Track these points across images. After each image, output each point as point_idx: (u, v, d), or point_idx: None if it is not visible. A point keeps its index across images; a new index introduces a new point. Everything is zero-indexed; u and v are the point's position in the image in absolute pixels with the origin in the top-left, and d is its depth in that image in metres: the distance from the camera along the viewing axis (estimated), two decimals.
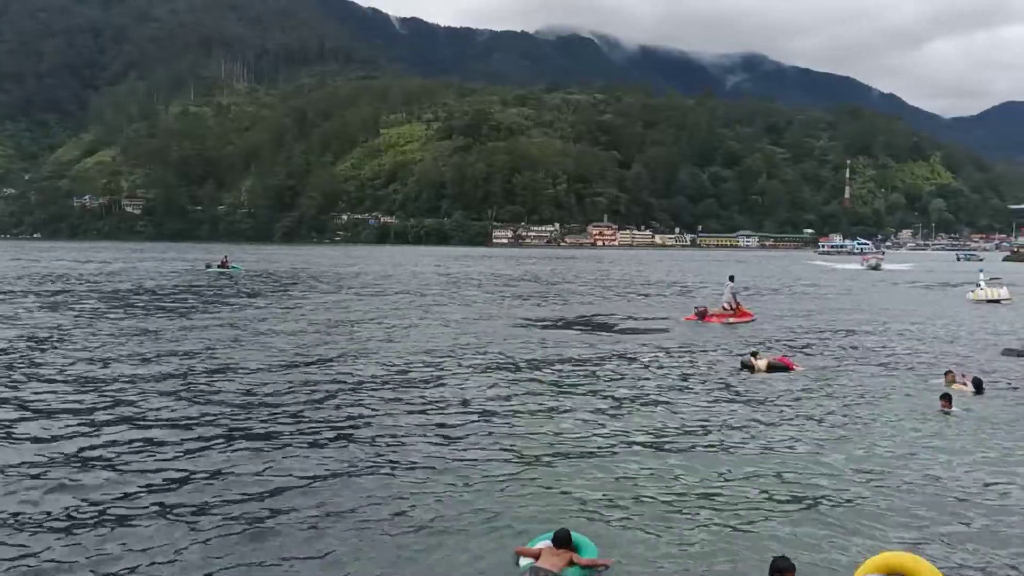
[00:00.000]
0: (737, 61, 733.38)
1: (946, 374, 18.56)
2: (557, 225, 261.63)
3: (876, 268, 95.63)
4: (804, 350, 24.96)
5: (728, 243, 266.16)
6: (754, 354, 21.28)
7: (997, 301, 44.51)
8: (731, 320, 32.74)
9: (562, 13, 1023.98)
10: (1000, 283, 47.92)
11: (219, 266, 67.08)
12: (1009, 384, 19.15)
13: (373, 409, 15.55)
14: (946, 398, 15.85)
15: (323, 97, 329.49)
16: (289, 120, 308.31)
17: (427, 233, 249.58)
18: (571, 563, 8.24)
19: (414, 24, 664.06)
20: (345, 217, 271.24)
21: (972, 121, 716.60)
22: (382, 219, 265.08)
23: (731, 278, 36.17)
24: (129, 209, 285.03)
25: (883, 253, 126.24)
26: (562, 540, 8.43)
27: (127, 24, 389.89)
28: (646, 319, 34.52)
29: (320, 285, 54.06)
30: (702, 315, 32.69)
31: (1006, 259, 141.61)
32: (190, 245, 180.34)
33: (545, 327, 30.72)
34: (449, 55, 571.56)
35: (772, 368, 20.25)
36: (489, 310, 37.55)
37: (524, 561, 8.36)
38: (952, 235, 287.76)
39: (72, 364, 20.02)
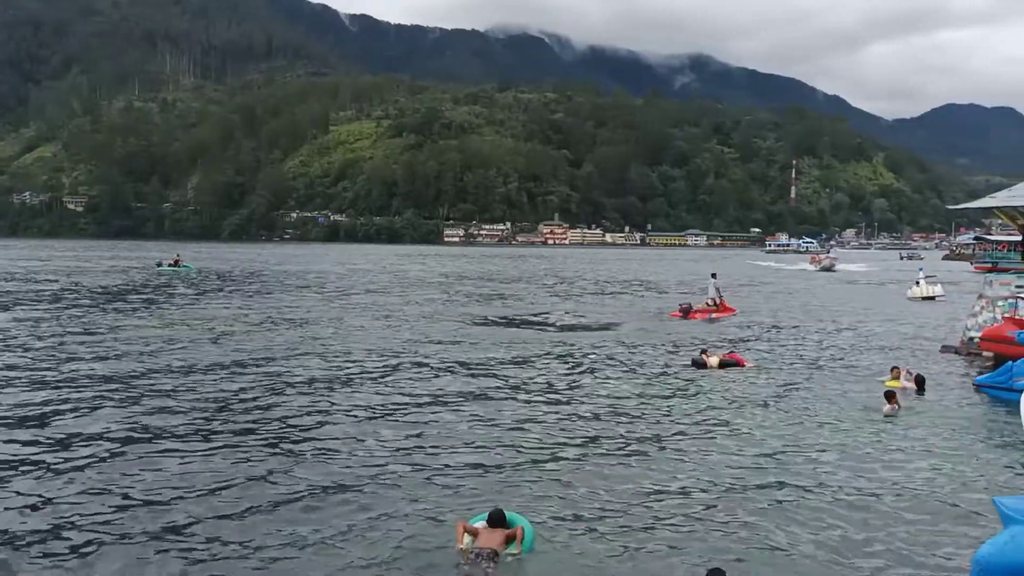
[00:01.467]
0: (685, 62, 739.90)
1: (892, 370, 19.16)
2: (508, 224, 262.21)
3: (829, 269, 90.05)
4: (754, 346, 25.54)
5: (677, 242, 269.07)
6: (704, 351, 21.72)
7: (932, 298, 46.57)
8: (714, 315, 33.48)
9: (513, 12, 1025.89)
10: (935, 281, 50.10)
11: (170, 265, 66.19)
12: (948, 381, 19.85)
13: (320, 407, 15.64)
14: (891, 395, 16.30)
15: (272, 94, 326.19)
16: (237, 117, 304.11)
17: (377, 231, 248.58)
18: (508, 540, 8.52)
19: (364, 21, 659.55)
20: (294, 215, 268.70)
21: (913, 123, 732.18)
22: (332, 217, 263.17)
23: (714, 275, 37.08)
24: (71, 206, 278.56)
25: (828, 251, 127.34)
26: (496, 520, 8.71)
27: (69, 18, 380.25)
28: (603, 316, 34.99)
29: (273, 284, 53.64)
30: (686, 312, 33.36)
31: (945, 258, 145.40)
32: (136, 243, 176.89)
33: (501, 326, 30.97)
34: (400, 53, 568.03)
35: (723, 365, 20.70)
36: (440, 309, 37.66)
37: (461, 542, 8.59)
38: (894, 234, 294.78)
39: (17, 365, 19.76)
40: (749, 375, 19.98)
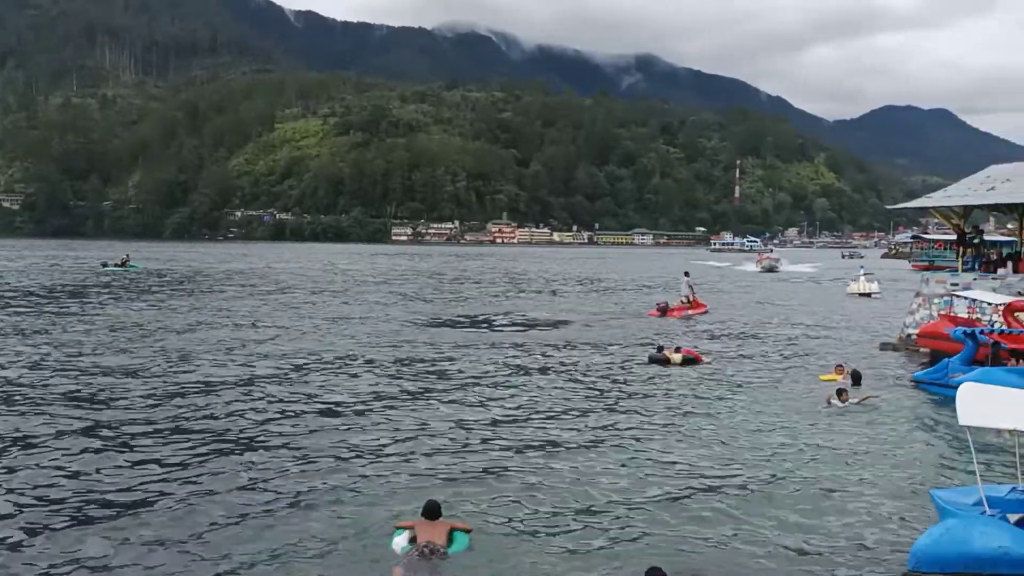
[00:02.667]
0: (631, 62, 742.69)
1: (836, 367, 19.68)
2: (457, 223, 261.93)
3: (771, 271, 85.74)
4: (707, 343, 25.85)
5: (624, 241, 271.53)
6: (662, 348, 21.94)
7: (868, 295, 48.36)
8: (689, 313, 34.19)
9: (460, 10, 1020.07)
10: (873, 279, 51.86)
11: (117, 265, 65.44)
12: (888, 377, 20.33)
13: (262, 409, 15.52)
14: (841, 392, 16.64)
15: (216, 91, 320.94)
16: (180, 114, 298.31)
17: (324, 230, 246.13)
18: (451, 532, 8.50)
19: (309, 17, 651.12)
20: (239, 214, 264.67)
21: (853, 124, 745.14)
22: (278, 215, 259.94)
23: (687, 273, 37.88)
24: (6, 204, 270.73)
25: (770, 250, 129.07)
26: (433, 512, 8.67)
27: (3, 10, 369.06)
28: (557, 315, 35.24)
29: (217, 284, 52.87)
30: (664, 310, 34.07)
31: (884, 256, 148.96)
32: (80, 242, 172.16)
33: (454, 326, 30.93)
34: (346, 50, 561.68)
35: (684, 361, 20.99)
36: (390, 310, 37.51)
37: (400, 543, 8.47)
38: (835, 233, 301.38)
39: None
40: (701, 371, 20.36)
